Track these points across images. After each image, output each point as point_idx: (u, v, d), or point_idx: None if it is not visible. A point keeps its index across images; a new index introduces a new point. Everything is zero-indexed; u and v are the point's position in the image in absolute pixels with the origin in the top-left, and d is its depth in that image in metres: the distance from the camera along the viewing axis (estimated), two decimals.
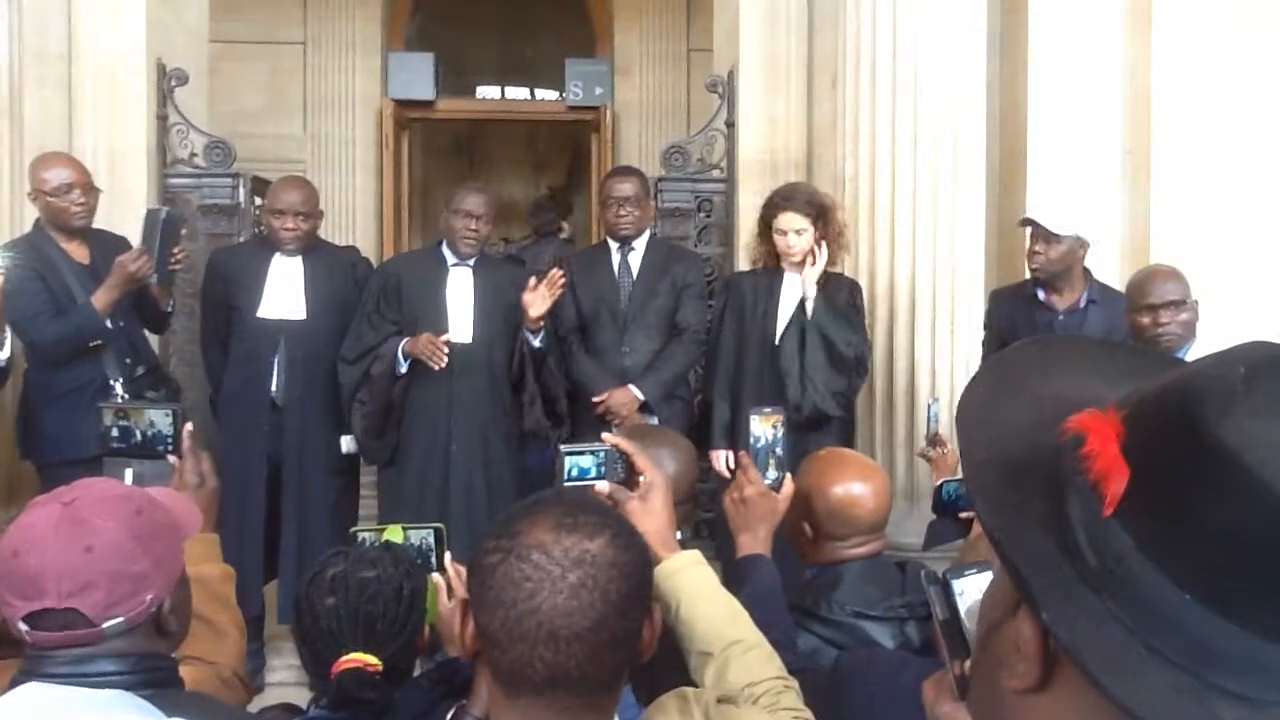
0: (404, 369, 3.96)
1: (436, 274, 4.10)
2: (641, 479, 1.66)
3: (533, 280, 3.85)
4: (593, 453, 1.67)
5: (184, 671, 1.70)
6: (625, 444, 1.68)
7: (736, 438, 3.73)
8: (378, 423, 3.98)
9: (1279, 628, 0.61)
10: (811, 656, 2.05)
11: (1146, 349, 0.85)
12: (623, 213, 4.16)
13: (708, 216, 5.26)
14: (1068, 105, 4.72)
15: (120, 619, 1.25)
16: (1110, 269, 4.29)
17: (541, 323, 3.89)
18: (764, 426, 2.17)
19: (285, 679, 3.98)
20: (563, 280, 3.87)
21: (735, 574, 2.06)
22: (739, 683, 1.52)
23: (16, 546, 1.28)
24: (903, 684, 1.59)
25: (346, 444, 4.12)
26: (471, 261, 4.10)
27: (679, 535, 1.77)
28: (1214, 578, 0.61)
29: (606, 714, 1.17)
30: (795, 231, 3.91)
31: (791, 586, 2.24)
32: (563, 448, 1.68)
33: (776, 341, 3.92)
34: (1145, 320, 3.41)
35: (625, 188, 4.20)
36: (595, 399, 3.99)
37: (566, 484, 1.65)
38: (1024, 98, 4.78)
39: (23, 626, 1.22)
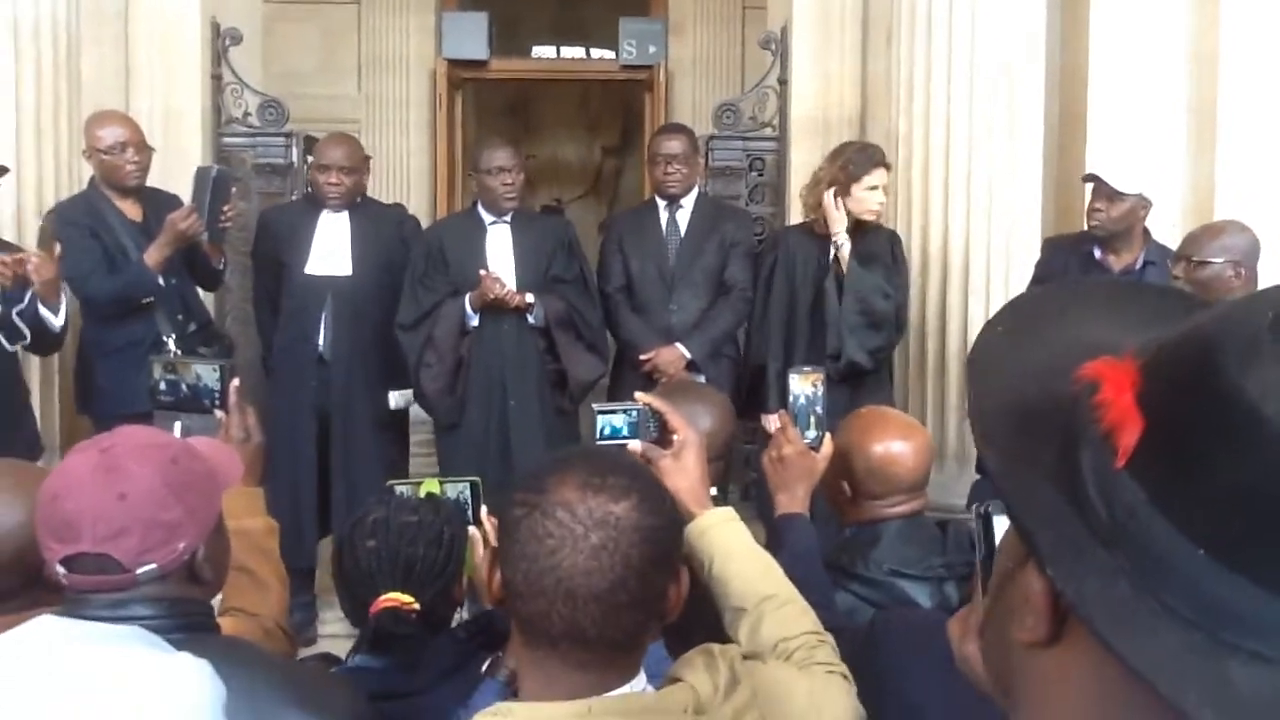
0: (475, 320, 3.98)
1: (476, 234, 4.11)
2: (675, 438, 1.66)
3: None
4: (625, 411, 1.67)
5: (226, 622, 1.74)
6: (658, 402, 1.68)
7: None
8: (449, 381, 4.01)
9: None
10: (849, 615, 2.04)
11: (1174, 291, 0.82)
12: (670, 170, 4.14)
13: (760, 175, 5.21)
14: (1130, 62, 4.59)
15: (154, 565, 1.27)
16: (1171, 230, 4.18)
17: (521, 301, 3.91)
18: (803, 385, 2.16)
19: (337, 631, 4.05)
20: (501, 289, 3.87)
21: (773, 533, 2.06)
22: (773, 638, 1.52)
23: (56, 490, 1.30)
24: (938, 643, 1.58)
25: (395, 399, 4.16)
26: (509, 218, 4.10)
27: (714, 492, 1.77)
28: (1230, 533, 0.59)
29: (627, 671, 1.18)
30: (884, 188, 3.87)
31: (830, 548, 2.24)
32: (595, 406, 1.68)
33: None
34: (1178, 272, 3.34)
35: (673, 145, 4.18)
36: (642, 356, 3.99)
37: (599, 443, 1.66)
38: (1085, 53, 4.66)
39: (60, 570, 1.25)
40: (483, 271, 3.92)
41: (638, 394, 1.71)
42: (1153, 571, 0.60)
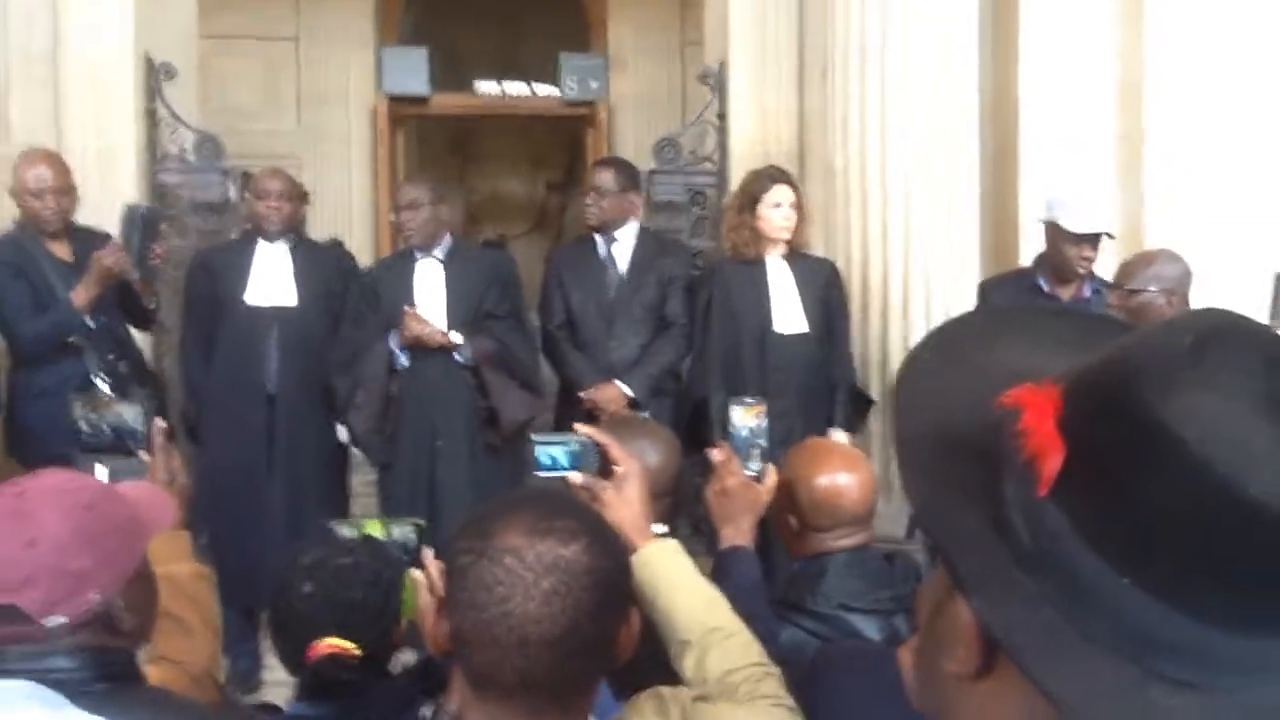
0: (405, 361, 3.94)
1: (406, 270, 4.09)
2: (616, 470, 1.64)
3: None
4: (564, 443, 1.64)
5: (153, 671, 1.68)
6: (598, 434, 1.66)
7: None
8: (379, 421, 3.96)
9: (1221, 612, 0.58)
10: (798, 650, 2.02)
11: (1104, 317, 0.82)
12: (588, 201, 4.17)
13: (701, 209, 5.23)
14: (1060, 94, 4.68)
15: (63, 618, 1.22)
16: (1103, 259, 4.25)
17: (446, 340, 3.90)
18: (746, 417, 2.15)
19: (284, 678, 3.95)
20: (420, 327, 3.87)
21: (718, 566, 2.04)
22: (719, 670, 1.50)
23: None
24: (880, 674, 1.57)
25: (344, 432, 4.10)
26: (440, 253, 4.08)
27: (663, 529, 1.74)
28: (1153, 560, 0.59)
29: (580, 715, 1.16)
30: (791, 205, 3.91)
31: (778, 583, 2.22)
32: (534, 437, 1.65)
33: (774, 328, 3.90)
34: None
35: (597, 177, 4.20)
36: (581, 394, 3.96)
37: (539, 474, 1.63)
38: (1015, 87, 4.74)
39: None
40: (406, 308, 3.89)
41: (578, 425, 1.69)
42: (1077, 599, 0.60)
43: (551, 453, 1.64)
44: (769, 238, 3.91)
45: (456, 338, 3.91)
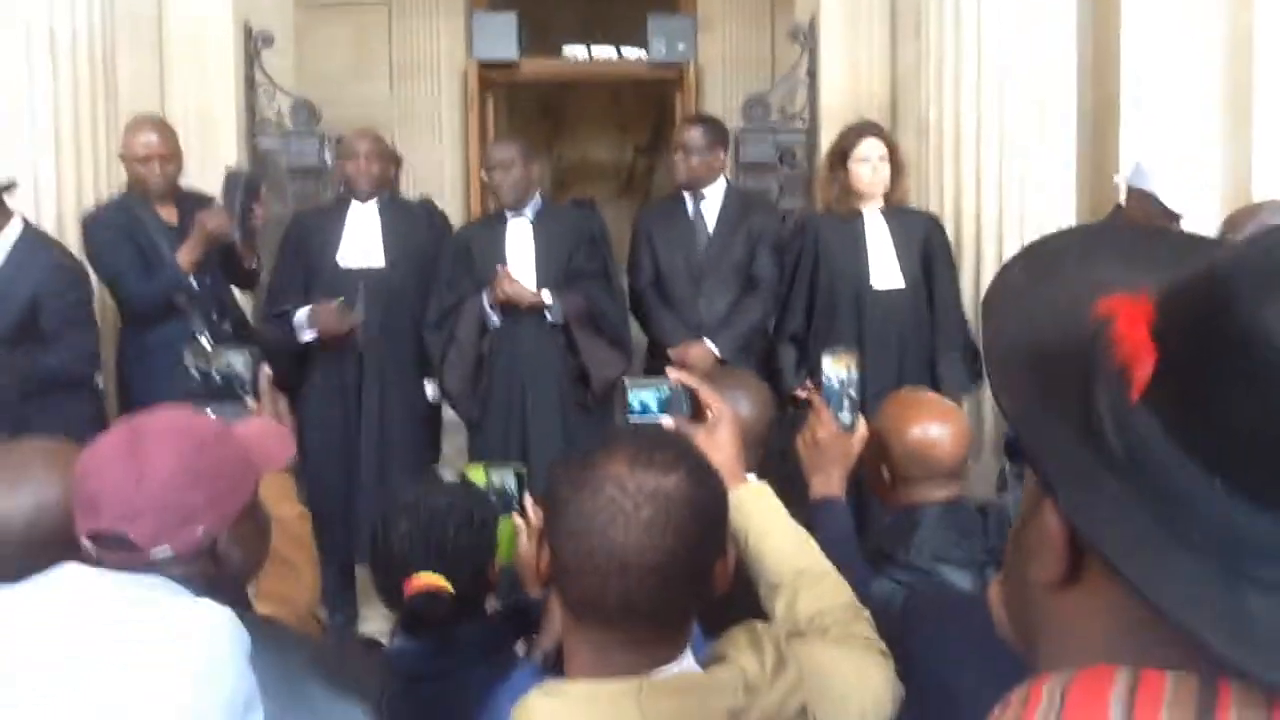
0: (496, 320, 3.99)
1: (497, 231, 4.12)
2: (709, 414, 1.65)
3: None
4: (656, 388, 1.65)
5: (260, 609, 1.75)
6: (690, 379, 1.67)
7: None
8: (471, 379, 4.02)
9: None
10: (889, 602, 2.02)
11: (1194, 235, 0.81)
12: (676, 159, 4.15)
13: (791, 168, 5.19)
14: (1164, 49, 4.54)
15: (168, 548, 1.27)
16: (1211, 221, 4.12)
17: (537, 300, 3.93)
18: (837, 367, 2.13)
19: (381, 629, 4.06)
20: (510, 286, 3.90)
21: (808, 517, 2.04)
22: (809, 611, 1.51)
23: (85, 467, 1.32)
24: (971, 622, 1.56)
25: (431, 390, 4.17)
26: (530, 212, 4.10)
27: (753, 478, 1.75)
28: (1246, 463, 0.58)
29: (677, 646, 1.18)
30: (880, 158, 3.85)
31: (871, 535, 2.21)
32: (626, 380, 1.67)
33: (870, 284, 3.87)
34: None
35: (686, 135, 4.18)
36: (670, 353, 3.97)
37: (630, 417, 1.64)
38: (1117, 38, 4.61)
39: (87, 543, 1.26)
40: (498, 267, 3.93)
41: (670, 370, 1.70)
42: (1168, 502, 0.60)
43: (643, 396, 1.65)
44: (860, 192, 3.87)
45: (546, 297, 3.95)
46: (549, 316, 3.98)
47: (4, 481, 1.54)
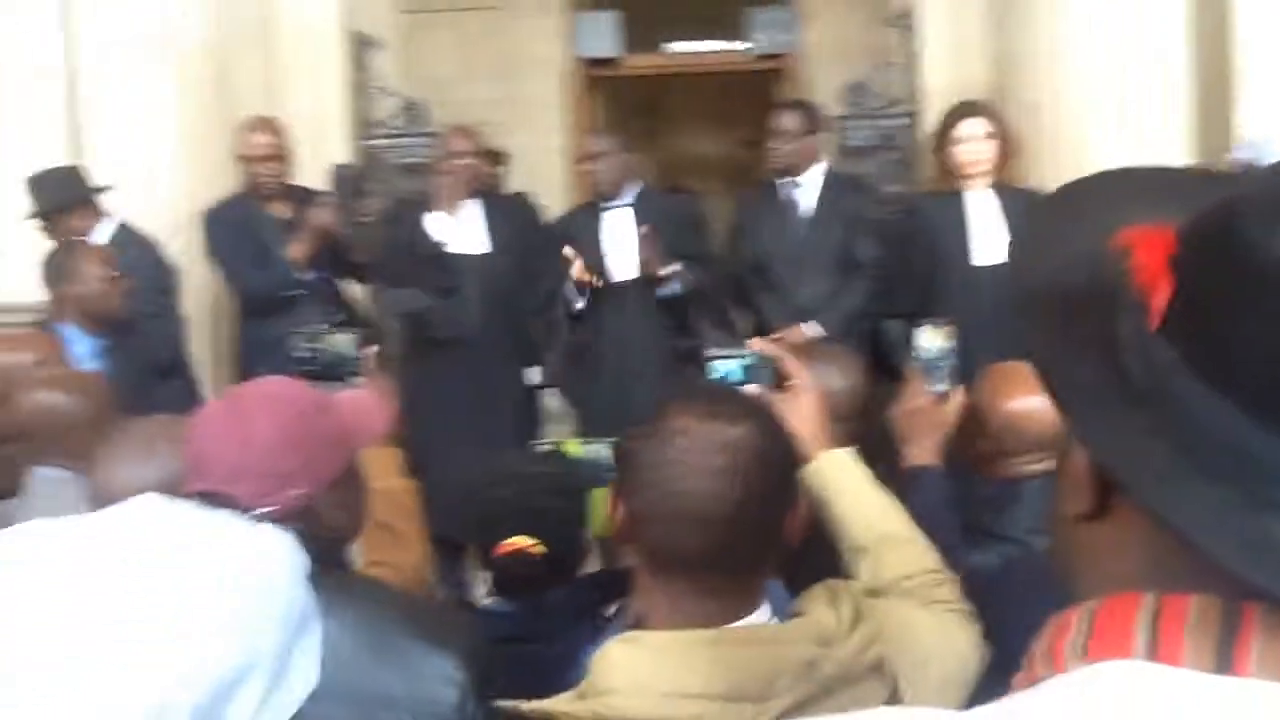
0: (579, 303, 4.06)
1: (592, 218, 4.20)
2: (792, 382, 1.66)
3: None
4: (740, 358, 1.67)
5: (369, 573, 1.82)
6: (773, 348, 1.68)
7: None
8: (570, 362, 4.12)
9: None
10: (986, 573, 2.00)
11: (1229, 174, 0.81)
12: (770, 145, 4.16)
13: (895, 153, 5.14)
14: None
15: (268, 508, 1.34)
16: None
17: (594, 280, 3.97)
18: (934, 337, 2.13)
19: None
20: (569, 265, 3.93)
21: (902, 485, 2.03)
22: (894, 575, 1.51)
23: (194, 432, 1.40)
24: (1066, 592, 1.54)
25: (532, 375, 4.25)
26: (629, 200, 4.15)
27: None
28: (1259, 390, 0.59)
29: (751, 600, 1.20)
30: (981, 138, 3.81)
31: (970, 506, 2.19)
32: (709, 351, 1.69)
33: (972, 261, 3.82)
34: None
35: (778, 121, 4.18)
36: (773, 336, 3.97)
37: None
38: (1233, 13, 4.44)
39: (194, 503, 1.33)
40: (566, 250, 3.99)
41: (752, 341, 1.72)
42: (1190, 430, 0.60)
43: (726, 367, 1.67)
44: (961, 172, 3.83)
45: (674, 267, 3.99)
46: (666, 290, 4.01)
47: (134, 455, 1.64)
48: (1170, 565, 0.62)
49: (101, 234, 3.81)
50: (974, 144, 3.81)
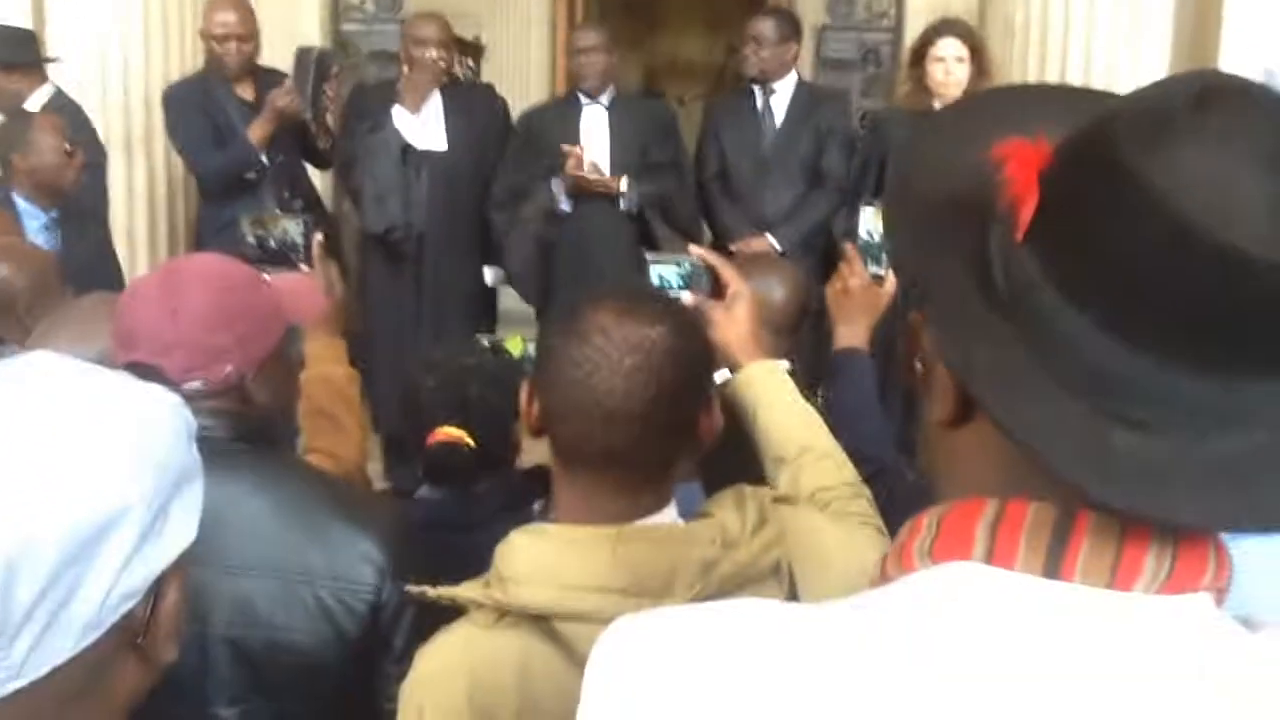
0: (565, 205, 4.02)
1: (571, 116, 4.14)
2: (728, 291, 1.67)
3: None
4: (677, 263, 1.68)
5: (308, 460, 1.85)
6: (711, 256, 1.69)
7: None
8: (537, 262, 4.08)
9: (1178, 351, 0.59)
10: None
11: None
12: (747, 51, 4.12)
13: (875, 68, 5.09)
14: None
15: (199, 382, 1.36)
16: None
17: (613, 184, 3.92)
18: (875, 220, 2.11)
19: None
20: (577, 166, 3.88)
21: (830, 366, 2.03)
22: (810, 487, 1.54)
23: (125, 305, 1.42)
24: None
25: (490, 275, 4.24)
26: (606, 99, 4.11)
27: (787, 365, 1.77)
28: (1117, 303, 0.60)
29: (658, 500, 1.21)
30: (956, 59, 3.78)
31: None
32: (648, 255, 1.70)
33: None
34: None
35: (758, 27, 4.14)
36: (731, 247, 3.98)
37: None
38: None
39: (124, 374, 1.34)
40: (565, 147, 3.94)
41: (691, 247, 1.73)
42: (1045, 341, 0.62)
43: (663, 272, 1.68)
44: (934, 91, 3.81)
45: (623, 184, 3.97)
46: (623, 204, 4.00)
47: (74, 334, 1.65)
48: (1018, 472, 0.63)
49: (37, 99, 3.78)
50: (948, 64, 3.79)
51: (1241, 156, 0.58)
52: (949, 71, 3.78)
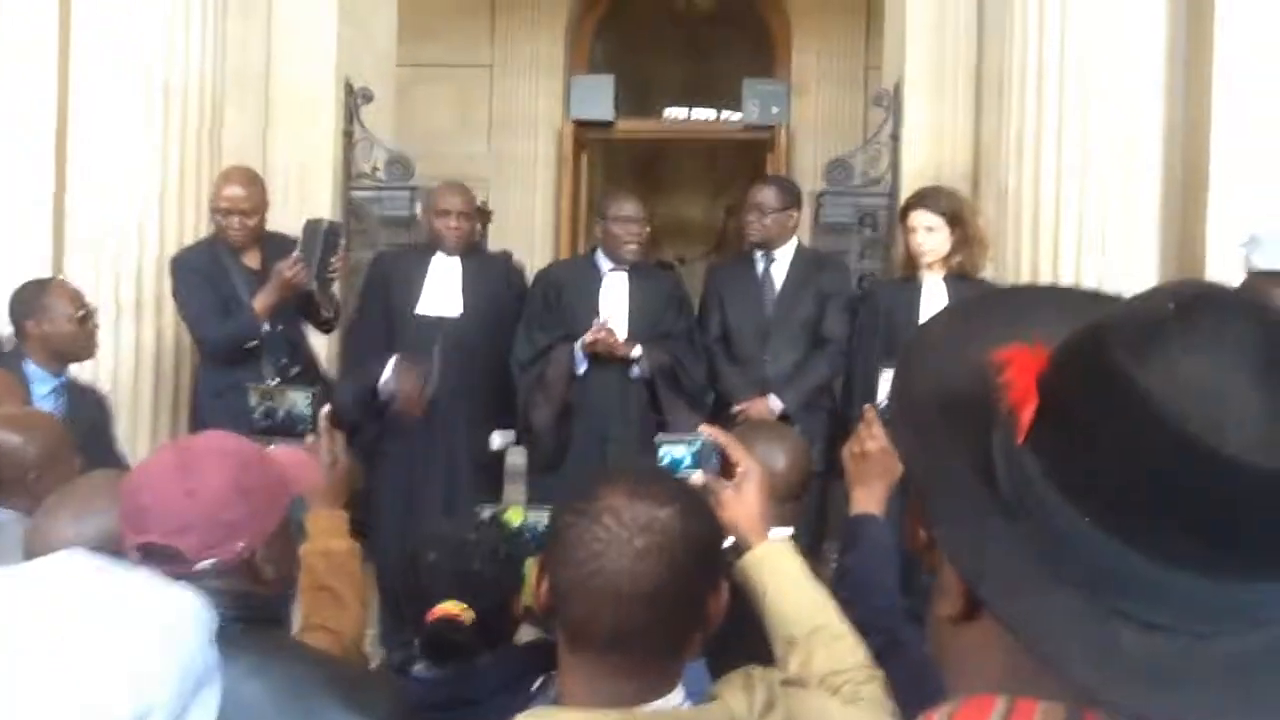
0: (583, 367, 4.06)
1: (592, 280, 4.21)
2: (737, 469, 1.67)
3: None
4: (688, 443, 1.69)
5: (306, 637, 1.83)
6: (721, 435, 1.70)
7: None
8: (555, 423, 4.09)
9: (1180, 554, 0.60)
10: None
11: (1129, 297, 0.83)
12: (750, 219, 4.22)
13: (872, 231, 5.20)
14: (1257, 116, 4.45)
15: (213, 560, 1.35)
16: None
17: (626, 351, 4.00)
18: None
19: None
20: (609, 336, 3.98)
21: (845, 532, 2.01)
22: (822, 671, 1.52)
23: (136, 482, 1.42)
24: None
25: (497, 440, 4.24)
26: (627, 267, 4.19)
27: (788, 532, 1.77)
28: (1116, 505, 0.62)
29: (667, 683, 1.20)
30: (926, 229, 3.89)
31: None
32: (658, 437, 1.71)
33: None
34: None
35: (760, 195, 4.25)
36: (734, 409, 4.01)
37: None
38: (1208, 112, 4.53)
39: (135, 555, 1.34)
40: (603, 318, 4.01)
41: (702, 426, 1.74)
42: (1049, 541, 0.64)
43: (674, 452, 1.69)
44: (914, 259, 3.91)
45: (636, 351, 4.02)
46: (635, 371, 4.05)
47: (71, 512, 1.65)
48: (1026, 669, 0.64)
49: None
50: (921, 234, 3.90)
51: (1230, 364, 0.60)
52: (920, 242, 3.88)
